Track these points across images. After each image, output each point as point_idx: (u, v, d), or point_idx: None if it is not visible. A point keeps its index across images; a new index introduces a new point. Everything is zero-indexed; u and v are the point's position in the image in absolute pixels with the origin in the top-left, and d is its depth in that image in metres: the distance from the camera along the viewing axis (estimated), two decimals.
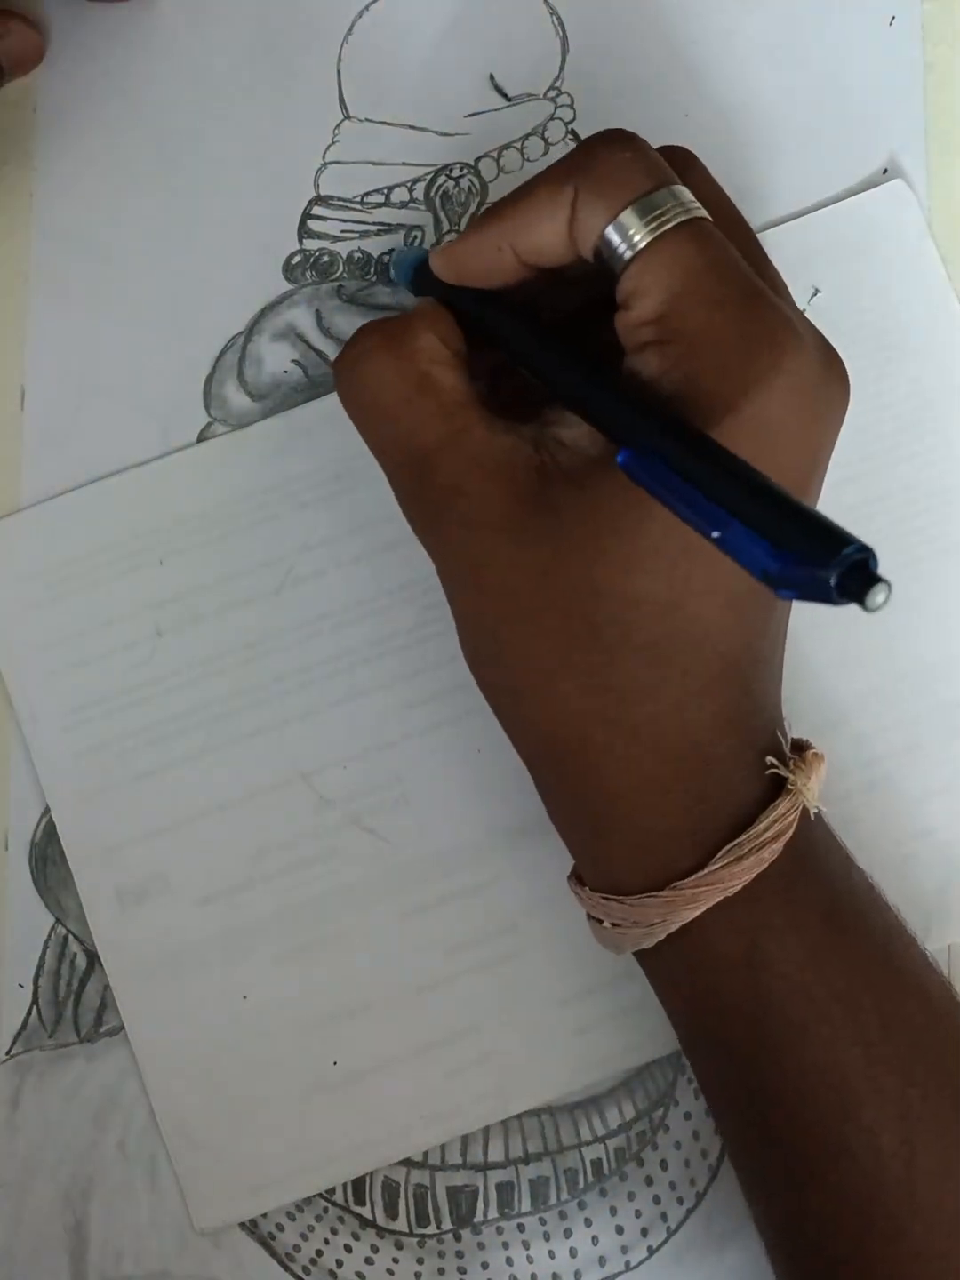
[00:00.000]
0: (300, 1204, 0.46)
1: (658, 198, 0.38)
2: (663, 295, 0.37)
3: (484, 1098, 0.46)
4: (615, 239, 0.38)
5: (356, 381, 0.41)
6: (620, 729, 0.38)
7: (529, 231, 0.40)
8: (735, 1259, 0.46)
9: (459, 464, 0.39)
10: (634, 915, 0.39)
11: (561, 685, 0.38)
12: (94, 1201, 0.46)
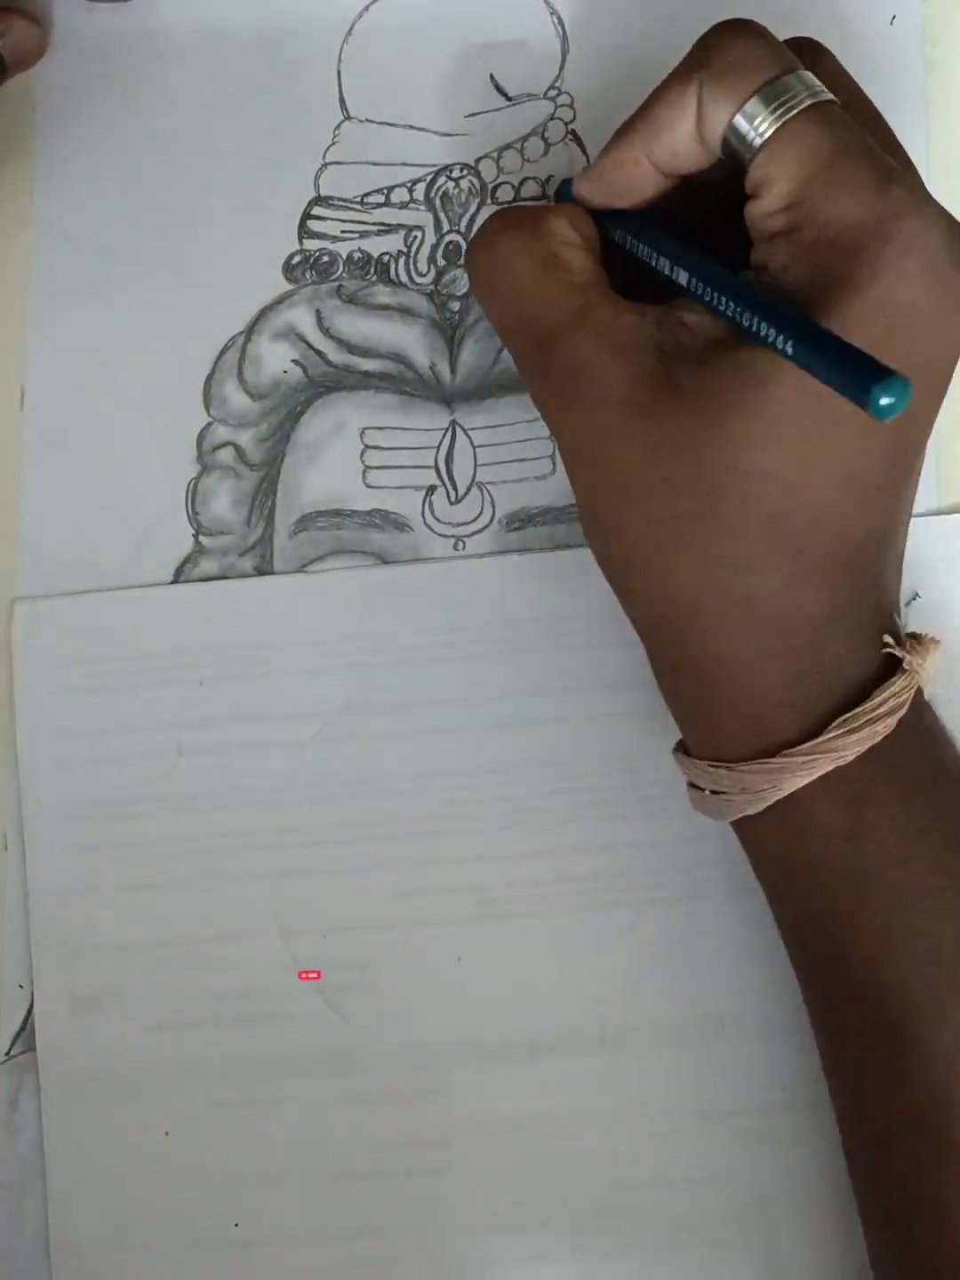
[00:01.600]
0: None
1: (782, 84, 0.38)
2: (791, 182, 0.38)
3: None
4: (743, 128, 0.38)
5: (487, 261, 0.42)
6: (733, 601, 0.39)
7: (662, 137, 0.40)
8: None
9: (582, 341, 0.40)
10: (743, 782, 0.40)
11: (677, 557, 0.39)
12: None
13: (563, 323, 0.40)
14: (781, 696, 0.39)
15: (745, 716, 0.40)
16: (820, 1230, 0.45)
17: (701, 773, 0.41)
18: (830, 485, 0.38)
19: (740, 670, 0.39)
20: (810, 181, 0.37)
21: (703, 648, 0.40)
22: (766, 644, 0.39)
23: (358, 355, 0.49)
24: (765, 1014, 0.46)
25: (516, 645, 0.47)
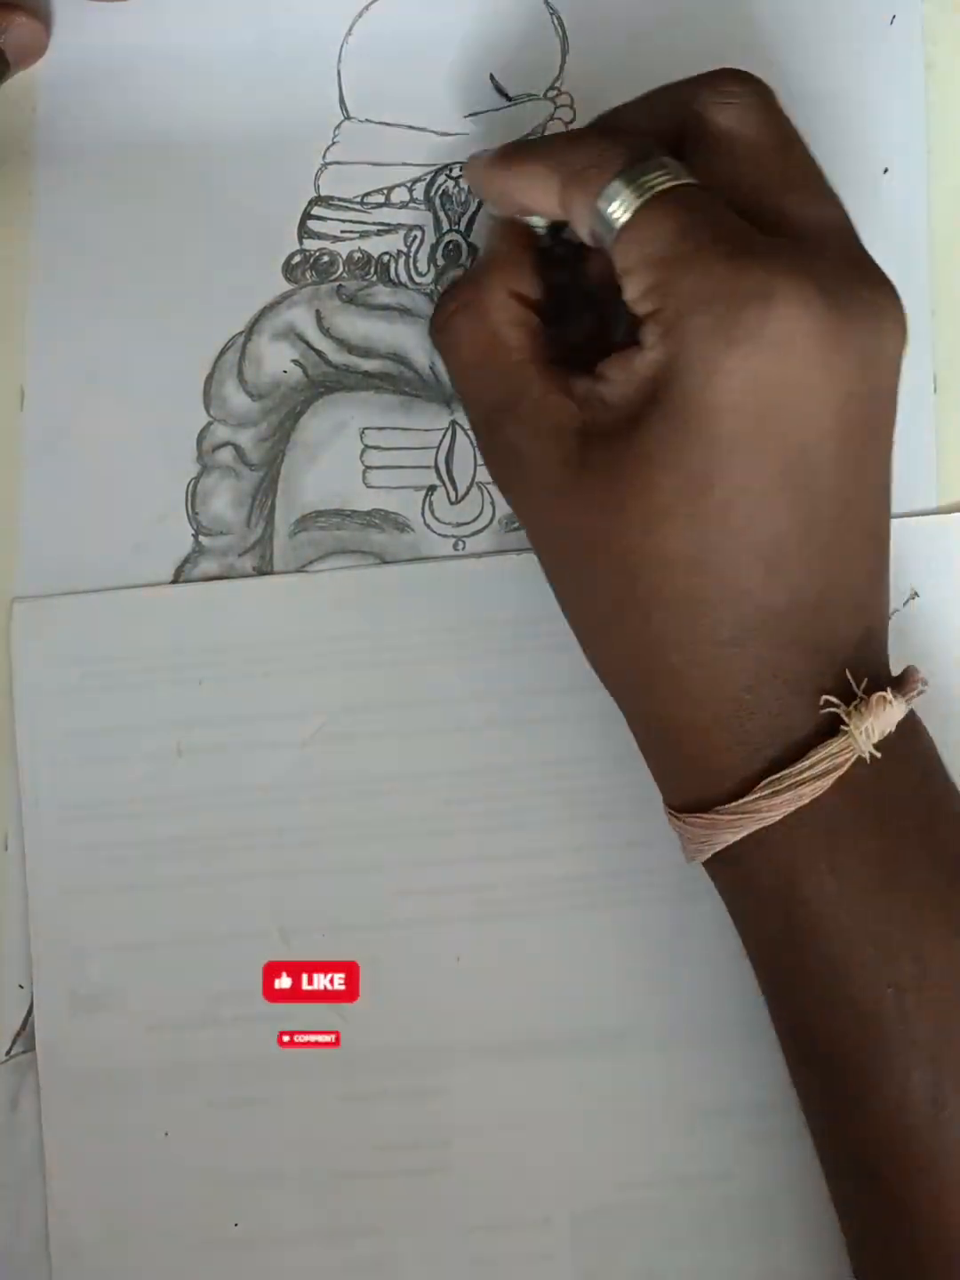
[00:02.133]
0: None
1: (630, 174, 0.39)
2: (648, 269, 0.38)
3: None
4: (599, 222, 0.40)
5: (443, 342, 0.44)
6: (659, 676, 0.40)
7: (531, 198, 0.42)
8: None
9: (514, 426, 0.41)
10: (686, 831, 0.41)
11: (611, 632, 0.41)
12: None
13: (499, 407, 0.42)
14: (715, 758, 0.40)
15: (687, 774, 0.41)
16: (819, 1229, 0.45)
17: (667, 814, 0.42)
18: (739, 562, 0.38)
19: (677, 734, 0.41)
20: (664, 262, 0.38)
21: (646, 711, 0.42)
22: (692, 715, 0.40)
23: (358, 355, 0.49)
24: (764, 1013, 0.46)
25: (516, 645, 0.47)
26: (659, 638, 0.39)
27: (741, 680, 0.39)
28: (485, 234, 0.47)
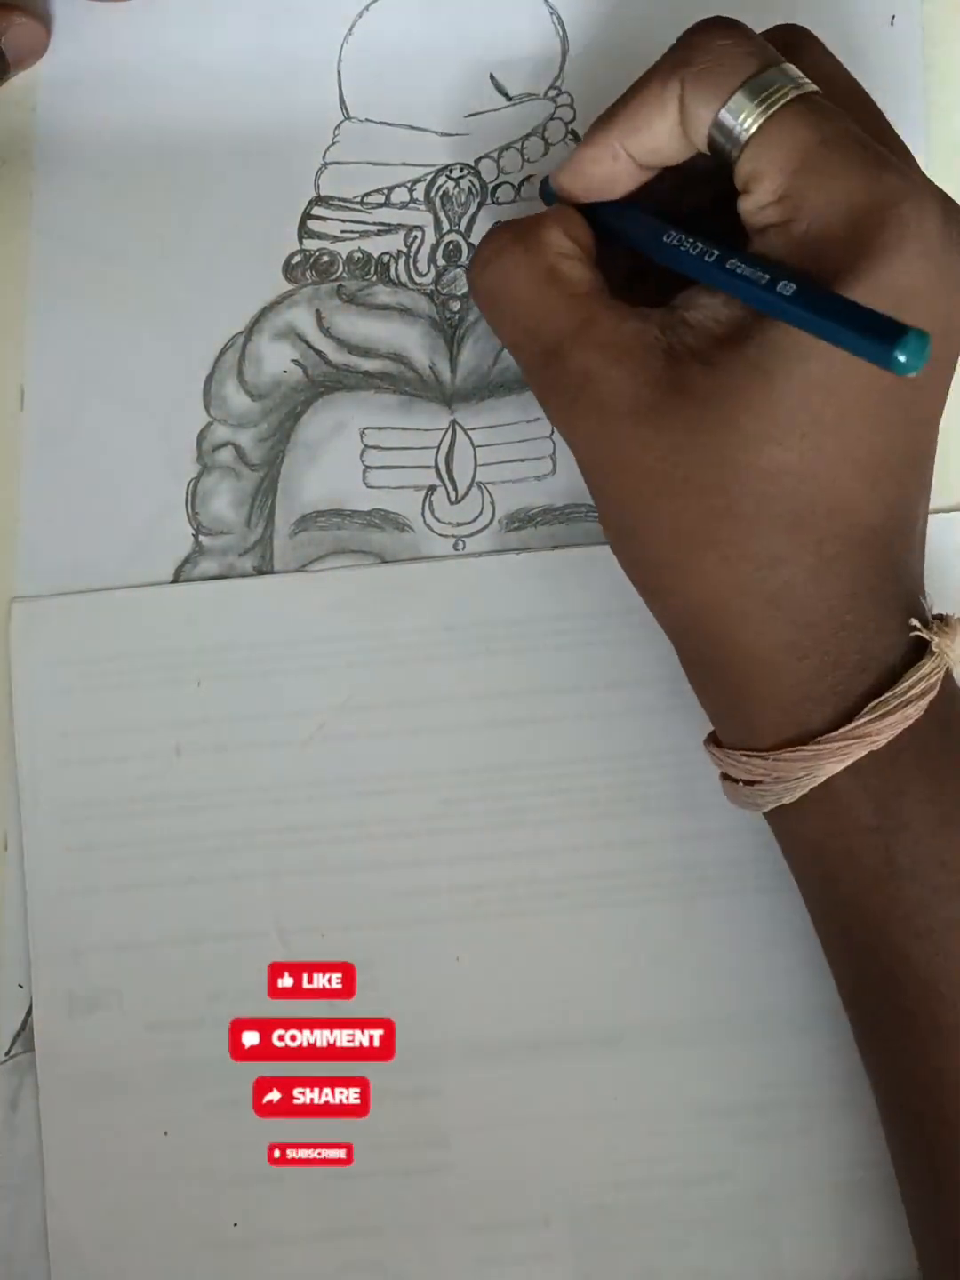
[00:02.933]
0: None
1: (765, 79, 0.39)
2: (780, 175, 0.38)
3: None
4: (728, 125, 0.39)
5: (489, 279, 0.42)
6: (757, 597, 0.39)
7: (641, 133, 0.41)
8: None
9: (588, 352, 0.40)
10: (777, 771, 0.40)
11: (700, 556, 0.39)
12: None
13: (567, 336, 0.40)
14: (812, 686, 0.40)
15: (778, 707, 0.40)
16: (819, 1228, 0.45)
17: (735, 764, 0.41)
18: (845, 474, 0.38)
19: (770, 664, 0.40)
20: (799, 174, 0.38)
21: (732, 644, 0.40)
22: (794, 637, 0.39)
23: (358, 355, 0.49)
24: (764, 1012, 0.46)
25: (515, 644, 0.47)
26: (763, 555, 0.39)
27: (842, 598, 0.39)
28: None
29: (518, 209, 0.49)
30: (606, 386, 0.40)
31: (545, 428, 0.48)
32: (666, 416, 0.39)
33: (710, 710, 0.43)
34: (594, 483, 0.42)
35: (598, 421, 0.40)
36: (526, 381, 0.43)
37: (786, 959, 0.45)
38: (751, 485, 0.38)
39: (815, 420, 0.38)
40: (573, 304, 0.41)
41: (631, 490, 0.40)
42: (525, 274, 0.41)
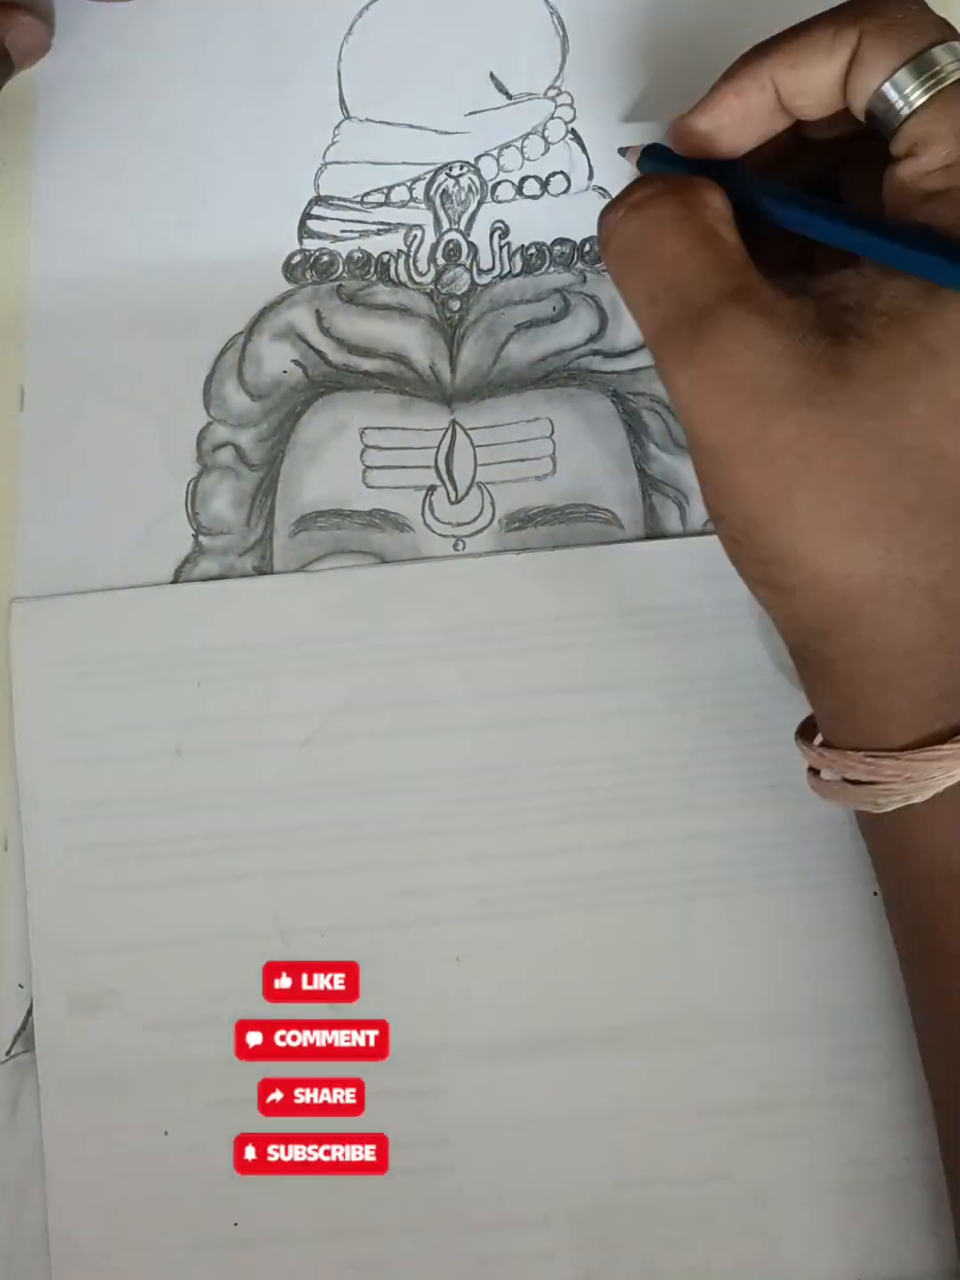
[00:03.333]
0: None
1: (949, 48, 0.38)
2: (955, 139, 0.37)
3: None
4: (903, 87, 0.38)
5: (636, 224, 0.40)
6: (917, 586, 0.38)
7: (800, 70, 0.40)
8: None
9: (747, 318, 0.38)
10: (909, 770, 0.39)
11: (859, 545, 0.37)
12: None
13: (725, 298, 0.38)
14: (954, 682, 0.39)
15: (917, 704, 0.39)
16: (818, 1228, 0.45)
17: (856, 764, 0.40)
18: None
19: (918, 658, 0.38)
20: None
21: (879, 638, 0.38)
22: (946, 629, 0.38)
23: (358, 355, 0.49)
24: (763, 1012, 0.46)
25: (515, 645, 0.47)
26: (927, 543, 0.37)
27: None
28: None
29: (519, 207, 0.49)
30: (766, 359, 0.37)
31: (545, 428, 0.48)
32: (829, 396, 0.37)
33: (828, 709, 0.41)
34: (728, 470, 0.39)
35: (749, 398, 0.37)
36: (654, 345, 0.39)
37: (786, 959, 0.45)
38: (918, 472, 0.37)
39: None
40: (730, 269, 0.39)
41: (782, 478, 0.37)
42: (679, 227, 0.39)
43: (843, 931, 0.46)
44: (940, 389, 0.37)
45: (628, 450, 0.48)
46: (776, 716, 0.46)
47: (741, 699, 0.46)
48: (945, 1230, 0.44)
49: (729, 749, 0.47)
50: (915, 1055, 0.44)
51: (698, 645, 0.46)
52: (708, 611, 0.47)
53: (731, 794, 0.46)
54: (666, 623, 0.47)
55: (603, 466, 0.48)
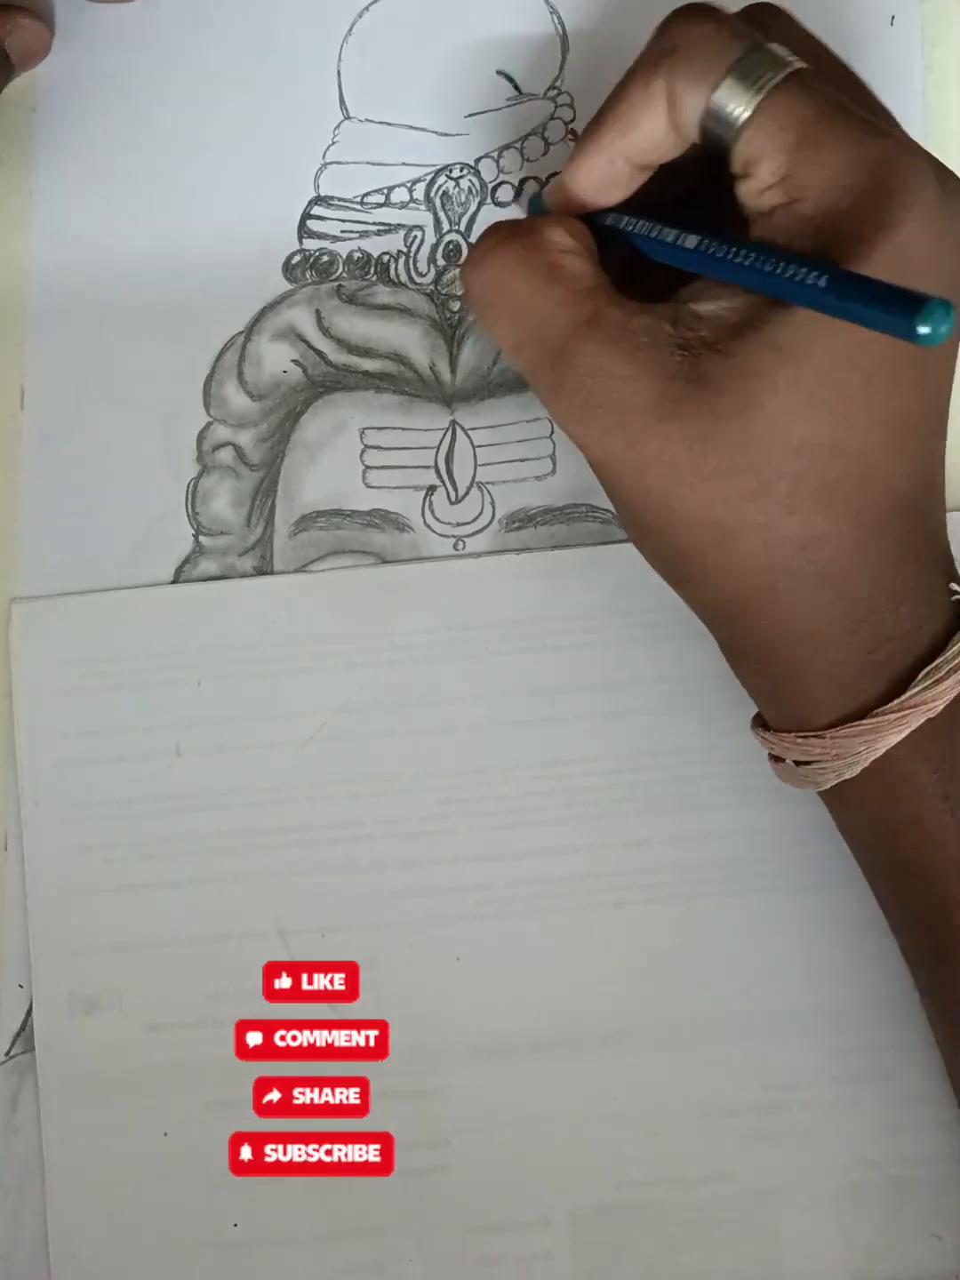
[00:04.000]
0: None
1: (752, 60, 0.38)
2: (781, 155, 0.38)
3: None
4: (720, 111, 0.38)
5: (485, 278, 0.41)
6: (804, 576, 0.39)
7: (632, 134, 0.40)
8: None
9: (598, 347, 0.39)
10: (835, 748, 0.40)
11: (740, 543, 0.39)
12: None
13: (575, 332, 0.39)
14: (867, 659, 0.39)
15: (832, 684, 0.40)
16: (819, 1229, 0.45)
17: (790, 746, 0.41)
18: (873, 441, 0.38)
19: (823, 641, 0.39)
20: (799, 152, 0.38)
21: (782, 626, 0.40)
22: (845, 611, 0.39)
23: (358, 355, 0.49)
24: (764, 1012, 0.46)
25: (515, 644, 0.47)
26: (804, 533, 0.38)
27: (888, 566, 0.39)
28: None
29: (519, 209, 0.49)
30: (622, 383, 0.38)
31: (545, 428, 0.48)
32: (688, 406, 0.38)
33: (758, 695, 0.43)
34: (613, 483, 0.40)
35: (616, 420, 0.39)
36: (530, 384, 0.41)
37: (787, 959, 0.45)
38: (783, 465, 0.38)
39: (841, 393, 0.37)
40: (578, 300, 0.39)
41: (657, 486, 0.39)
42: (525, 270, 0.40)
43: (843, 932, 0.46)
44: (793, 383, 0.37)
45: None
46: None
47: (741, 699, 0.45)
48: (947, 1232, 0.44)
49: (729, 749, 0.47)
50: (917, 1056, 0.44)
51: (697, 645, 0.46)
52: None
53: (731, 794, 0.47)
54: (666, 622, 0.47)
55: None
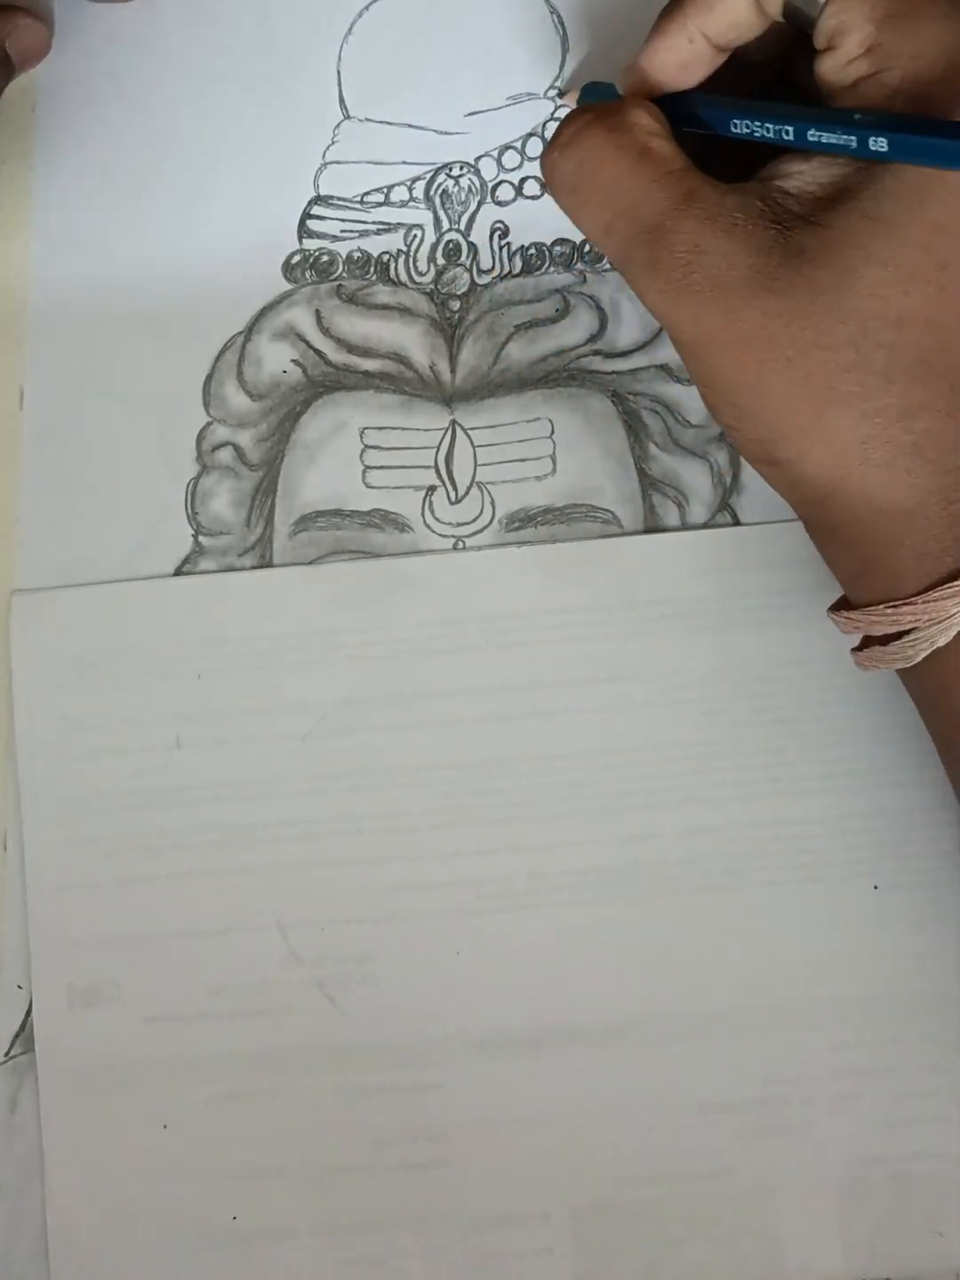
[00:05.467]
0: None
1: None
2: (868, 24, 0.39)
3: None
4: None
5: (574, 161, 0.42)
6: (901, 448, 0.39)
7: (716, 9, 0.41)
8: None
9: (695, 225, 0.39)
10: (929, 612, 0.40)
11: (837, 416, 0.39)
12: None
13: (671, 211, 0.40)
14: (957, 533, 0.39)
15: (922, 558, 0.40)
16: (820, 1225, 0.45)
17: (879, 619, 0.41)
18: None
19: (920, 514, 0.40)
20: (886, 21, 0.38)
21: (874, 503, 0.40)
22: (942, 483, 0.39)
23: (357, 355, 0.49)
24: (765, 1007, 0.46)
25: (515, 638, 0.47)
26: (901, 404, 0.39)
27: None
28: None
29: (519, 208, 0.49)
30: (720, 258, 0.39)
31: (545, 428, 0.48)
32: (786, 280, 0.38)
33: (845, 574, 0.42)
34: (707, 363, 0.41)
35: (713, 295, 0.39)
36: (620, 266, 0.41)
37: (789, 954, 0.45)
38: (881, 336, 0.38)
39: (938, 264, 0.38)
40: (671, 179, 0.40)
41: (755, 362, 0.39)
42: (615, 152, 0.41)
43: (844, 926, 0.46)
44: (889, 254, 0.38)
45: (627, 450, 0.48)
46: (777, 710, 0.46)
47: (742, 693, 0.46)
48: (949, 1228, 0.44)
49: (730, 743, 0.47)
50: (919, 1051, 0.44)
51: (698, 639, 0.46)
52: (708, 605, 0.47)
53: (732, 788, 0.46)
54: (667, 617, 0.47)
55: (602, 466, 0.48)
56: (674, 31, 0.42)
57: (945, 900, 0.44)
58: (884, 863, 0.46)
